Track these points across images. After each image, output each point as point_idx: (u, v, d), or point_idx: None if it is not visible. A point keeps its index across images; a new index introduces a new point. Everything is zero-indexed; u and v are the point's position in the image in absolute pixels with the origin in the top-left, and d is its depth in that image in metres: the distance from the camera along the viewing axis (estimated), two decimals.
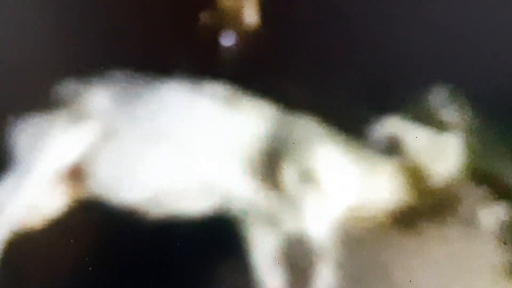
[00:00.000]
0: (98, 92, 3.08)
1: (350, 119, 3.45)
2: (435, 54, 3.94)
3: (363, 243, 3.16)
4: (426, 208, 3.33)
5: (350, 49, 4.05)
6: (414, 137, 3.30)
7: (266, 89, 3.61)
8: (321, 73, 4.06)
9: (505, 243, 2.97)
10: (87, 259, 2.96)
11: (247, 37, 4.00)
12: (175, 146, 2.98)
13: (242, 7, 3.92)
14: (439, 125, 3.50)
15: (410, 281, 3.00)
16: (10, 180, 2.88)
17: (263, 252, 2.96)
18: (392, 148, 3.26)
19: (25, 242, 2.88)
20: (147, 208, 2.96)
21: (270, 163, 3.00)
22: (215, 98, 3.12)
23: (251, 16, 3.91)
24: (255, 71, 3.88)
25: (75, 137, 2.94)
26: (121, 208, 2.96)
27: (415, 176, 3.19)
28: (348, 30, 4.12)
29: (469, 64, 3.97)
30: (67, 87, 3.12)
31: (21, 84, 3.18)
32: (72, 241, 2.99)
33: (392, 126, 3.35)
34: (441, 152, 3.27)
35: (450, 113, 3.60)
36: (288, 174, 2.96)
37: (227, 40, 3.89)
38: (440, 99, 3.66)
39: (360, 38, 4.07)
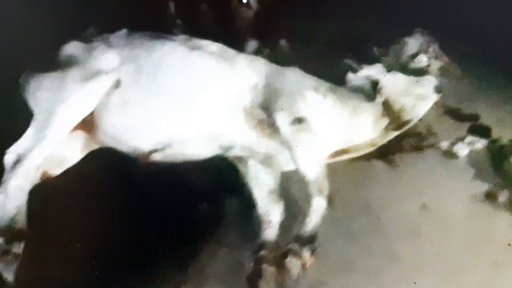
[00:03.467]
0: (104, 52, 3.24)
1: (334, 69, 3.68)
2: (410, 5, 4.18)
3: (350, 177, 3.41)
4: (407, 143, 3.60)
5: (330, 3, 4.29)
6: (393, 81, 3.51)
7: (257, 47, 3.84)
8: (306, 29, 4.30)
9: (509, 244, 3.10)
10: (101, 203, 3.15)
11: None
12: (178, 99, 3.15)
13: None
14: (416, 71, 3.73)
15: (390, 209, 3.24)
16: (30, 133, 3.04)
17: (263, 189, 3.20)
18: (373, 93, 3.47)
19: (46, 189, 3.07)
20: (154, 155, 3.15)
21: (265, 112, 3.18)
22: (211, 55, 3.27)
23: None
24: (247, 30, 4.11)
25: (87, 92, 3.09)
26: (130, 156, 3.16)
27: (395, 115, 3.43)
28: None
29: (442, 13, 4.22)
30: (75, 49, 3.29)
31: (32, 47, 3.33)
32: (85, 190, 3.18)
33: (372, 73, 3.56)
34: (418, 94, 3.50)
35: (426, 59, 3.83)
36: (282, 120, 3.12)
37: None
38: (416, 47, 3.88)
39: None
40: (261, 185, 3.21)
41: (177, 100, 3.16)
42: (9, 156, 2.99)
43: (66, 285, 2.84)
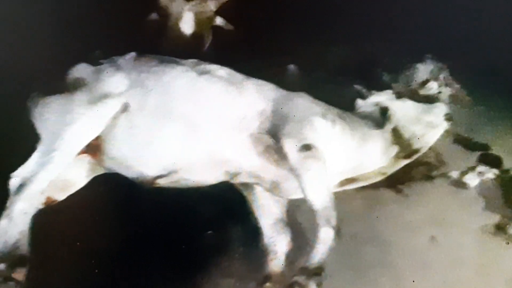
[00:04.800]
0: (113, 75, 3.21)
1: (343, 95, 3.64)
2: (420, 31, 4.15)
3: (358, 207, 3.37)
4: (416, 172, 3.55)
5: (339, 28, 4.25)
6: (403, 109, 3.46)
7: (265, 72, 3.79)
8: (315, 54, 4.27)
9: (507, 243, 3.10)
10: (104, 230, 3.12)
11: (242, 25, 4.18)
12: (185, 124, 3.10)
13: None
14: (426, 98, 3.68)
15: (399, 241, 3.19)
16: (36, 156, 2.99)
17: (270, 218, 3.17)
18: (382, 120, 3.43)
19: (50, 215, 3.03)
20: (159, 180, 3.09)
21: (273, 138, 3.12)
22: (220, 80, 3.24)
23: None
24: (253, 55, 4.08)
25: (94, 115, 3.05)
26: (135, 181, 3.11)
27: (405, 144, 3.37)
28: (338, 11, 4.31)
29: (453, 40, 4.18)
30: (83, 71, 3.26)
31: (39, 69, 3.31)
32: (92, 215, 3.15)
33: (382, 99, 3.52)
34: (428, 121, 3.44)
35: (436, 86, 3.79)
36: (289, 147, 3.05)
37: None
38: (426, 74, 3.84)
39: (349, 18, 4.27)
40: (268, 214, 3.18)
41: (184, 125, 3.12)
42: (14, 180, 2.95)
43: None
